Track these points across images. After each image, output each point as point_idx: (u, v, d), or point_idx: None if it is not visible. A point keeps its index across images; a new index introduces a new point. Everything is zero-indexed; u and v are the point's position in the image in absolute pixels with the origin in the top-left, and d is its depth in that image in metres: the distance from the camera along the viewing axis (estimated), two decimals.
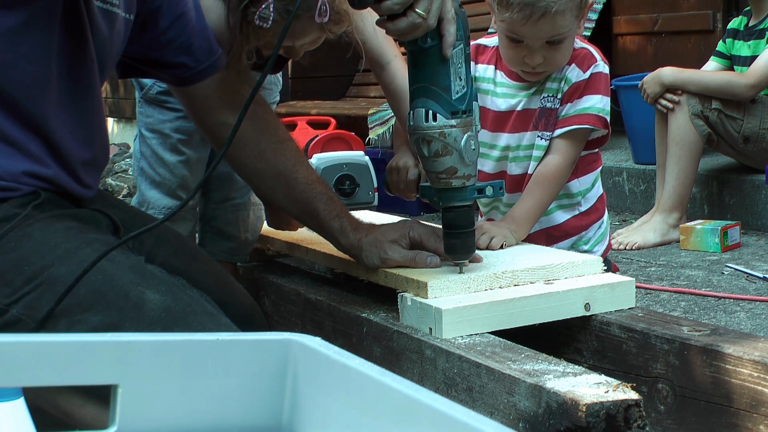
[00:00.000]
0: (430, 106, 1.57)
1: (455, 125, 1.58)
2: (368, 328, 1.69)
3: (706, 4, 5.31)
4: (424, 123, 1.58)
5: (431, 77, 1.57)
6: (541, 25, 1.96)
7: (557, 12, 1.95)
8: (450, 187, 1.63)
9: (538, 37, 1.99)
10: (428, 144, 1.59)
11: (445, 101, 1.57)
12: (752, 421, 1.42)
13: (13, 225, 1.43)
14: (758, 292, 3.00)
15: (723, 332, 1.55)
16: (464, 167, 1.61)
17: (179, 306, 1.42)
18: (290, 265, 2.24)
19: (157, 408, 0.95)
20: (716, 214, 4.08)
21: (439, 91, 1.57)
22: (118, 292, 1.40)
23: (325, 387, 0.94)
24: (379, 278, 1.76)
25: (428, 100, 1.58)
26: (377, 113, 5.03)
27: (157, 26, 1.70)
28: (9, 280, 1.39)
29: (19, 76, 1.46)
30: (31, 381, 0.92)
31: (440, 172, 1.62)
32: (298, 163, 1.79)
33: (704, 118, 3.83)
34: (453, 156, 1.59)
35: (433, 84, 1.57)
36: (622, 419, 1.21)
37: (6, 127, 1.47)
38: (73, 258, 1.41)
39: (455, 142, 1.58)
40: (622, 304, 1.70)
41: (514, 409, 1.33)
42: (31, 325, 1.38)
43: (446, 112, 1.57)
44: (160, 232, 1.78)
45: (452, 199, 1.64)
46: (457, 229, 1.65)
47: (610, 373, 1.57)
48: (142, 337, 0.97)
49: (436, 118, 1.57)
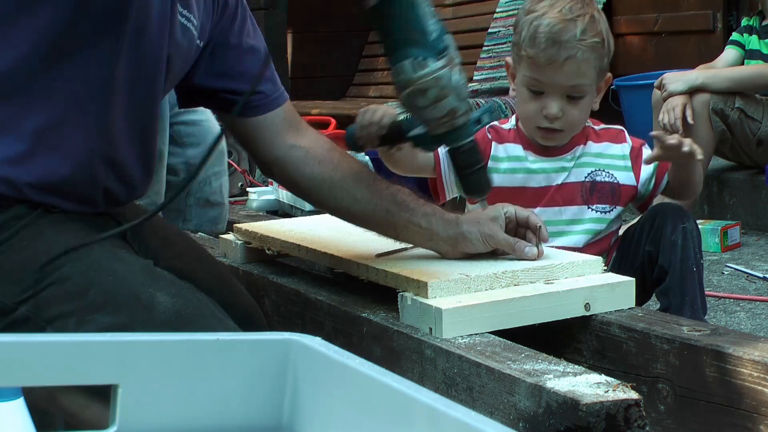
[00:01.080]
0: (415, 54, 1.51)
1: (443, 65, 1.53)
2: (368, 328, 1.69)
3: (706, 4, 5.32)
4: (415, 73, 1.52)
5: (406, 24, 1.51)
6: (565, 70, 2.00)
7: (582, 60, 1.99)
8: (453, 128, 1.59)
9: (560, 83, 2.02)
10: (424, 93, 1.53)
11: (427, 44, 1.52)
12: (752, 421, 1.42)
13: (24, 224, 1.43)
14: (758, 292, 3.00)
15: (723, 332, 1.55)
16: (462, 103, 1.57)
17: (189, 309, 1.42)
18: (290, 265, 2.23)
19: (157, 408, 0.95)
20: (716, 214, 4.08)
21: (418, 36, 1.51)
22: (128, 293, 1.40)
23: (325, 387, 0.94)
24: (379, 278, 1.75)
25: (411, 49, 1.52)
26: None
27: (233, 56, 1.74)
28: (19, 278, 1.39)
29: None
30: (31, 381, 0.92)
31: (442, 117, 1.57)
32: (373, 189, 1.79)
33: (723, 117, 3.81)
34: (451, 97, 1.54)
35: (409, 31, 1.52)
36: (622, 419, 1.21)
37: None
38: (84, 258, 1.41)
39: (449, 82, 1.53)
40: (622, 304, 1.70)
41: (514, 409, 1.33)
42: (40, 324, 1.37)
43: (432, 55, 1.52)
44: (167, 233, 1.78)
45: (458, 138, 1.60)
46: (471, 167, 1.62)
47: (610, 373, 1.57)
48: (142, 337, 0.97)
49: (425, 64, 1.52)
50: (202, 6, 1.66)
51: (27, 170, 1.44)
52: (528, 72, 2.05)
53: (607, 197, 2.14)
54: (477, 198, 1.68)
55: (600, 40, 2.03)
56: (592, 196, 2.14)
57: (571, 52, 1.99)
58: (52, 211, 1.47)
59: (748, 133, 3.86)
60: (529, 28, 2.01)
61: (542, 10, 2.02)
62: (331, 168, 1.80)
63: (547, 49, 1.99)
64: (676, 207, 2.13)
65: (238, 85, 1.76)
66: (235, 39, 1.74)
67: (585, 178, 2.14)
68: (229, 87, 1.76)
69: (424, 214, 1.76)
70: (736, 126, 3.84)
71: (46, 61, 1.44)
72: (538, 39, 1.99)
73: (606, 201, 2.14)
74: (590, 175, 2.15)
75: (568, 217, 2.13)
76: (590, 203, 2.14)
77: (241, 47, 1.75)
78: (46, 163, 1.45)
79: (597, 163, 2.16)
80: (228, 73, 1.75)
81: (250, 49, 1.76)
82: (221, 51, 1.73)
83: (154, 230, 1.75)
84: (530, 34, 2.01)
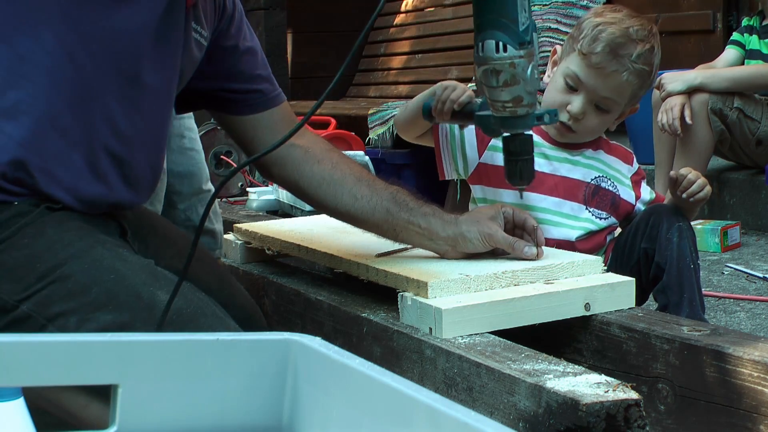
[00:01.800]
0: (500, 38, 1.63)
1: (523, 56, 1.64)
2: (368, 328, 1.69)
3: (706, 4, 5.32)
4: (495, 54, 1.63)
5: (500, 9, 1.63)
6: (608, 80, 2.06)
7: (626, 79, 2.06)
8: (515, 115, 1.69)
9: (596, 90, 2.07)
10: (497, 74, 1.65)
11: (513, 32, 1.63)
12: (752, 421, 1.42)
13: (27, 221, 1.43)
14: (758, 292, 3.00)
15: (723, 332, 1.55)
16: (529, 96, 1.68)
17: (190, 308, 1.42)
18: (290, 265, 2.23)
19: (157, 408, 0.95)
20: (716, 214, 4.08)
21: (508, 22, 1.63)
22: (130, 292, 1.40)
23: (325, 387, 0.94)
24: (379, 278, 1.76)
25: (497, 32, 1.63)
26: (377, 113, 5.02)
27: (231, 58, 1.76)
28: (21, 276, 1.39)
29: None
30: (31, 381, 0.92)
31: (507, 101, 1.67)
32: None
33: (722, 117, 3.81)
34: (520, 85, 1.65)
35: (501, 16, 1.63)
36: (622, 419, 1.21)
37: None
38: (86, 256, 1.41)
39: (522, 72, 1.64)
40: (622, 304, 1.70)
41: (514, 409, 1.33)
42: (41, 321, 1.37)
43: (515, 43, 1.63)
44: (167, 232, 1.78)
45: (516, 126, 1.71)
46: (520, 156, 1.73)
47: (610, 373, 1.57)
48: (142, 337, 0.97)
49: (507, 48, 1.63)
50: (209, 11, 1.68)
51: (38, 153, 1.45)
52: (573, 66, 2.10)
53: (606, 205, 2.18)
54: (517, 186, 1.77)
55: (649, 70, 2.10)
56: (593, 198, 2.16)
57: (620, 68, 2.05)
58: (54, 209, 1.47)
59: (747, 132, 3.86)
60: (594, 29, 2.08)
61: (612, 20, 2.10)
62: (331, 167, 1.80)
63: (602, 54, 2.05)
64: (671, 207, 2.15)
65: (236, 84, 1.76)
66: (233, 41, 1.76)
67: (591, 179, 2.17)
68: (227, 87, 1.77)
69: (424, 215, 1.76)
70: (735, 126, 3.84)
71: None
72: (597, 42, 2.06)
73: (604, 208, 2.18)
74: (597, 179, 2.18)
75: (565, 211, 2.15)
76: (589, 205, 2.16)
77: (238, 49, 1.76)
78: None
79: (606, 171, 2.20)
80: (226, 74, 1.77)
81: (247, 50, 1.77)
82: (219, 53, 1.74)
83: (155, 230, 1.75)
84: (593, 35, 2.07)
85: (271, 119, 1.80)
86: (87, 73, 1.47)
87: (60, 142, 1.47)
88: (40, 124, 1.45)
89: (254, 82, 1.79)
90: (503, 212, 1.79)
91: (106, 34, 1.48)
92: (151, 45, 1.52)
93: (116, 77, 1.51)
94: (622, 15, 2.12)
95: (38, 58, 1.44)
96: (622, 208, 2.20)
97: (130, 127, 1.54)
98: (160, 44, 1.54)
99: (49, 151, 1.46)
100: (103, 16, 1.47)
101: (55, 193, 1.47)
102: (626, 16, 2.11)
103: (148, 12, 1.51)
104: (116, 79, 1.51)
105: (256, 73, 1.79)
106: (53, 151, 1.46)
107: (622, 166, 2.23)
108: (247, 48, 1.78)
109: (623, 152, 2.27)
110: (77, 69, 1.46)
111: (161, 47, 1.55)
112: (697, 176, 2.11)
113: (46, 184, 1.46)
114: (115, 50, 1.49)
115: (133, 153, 1.56)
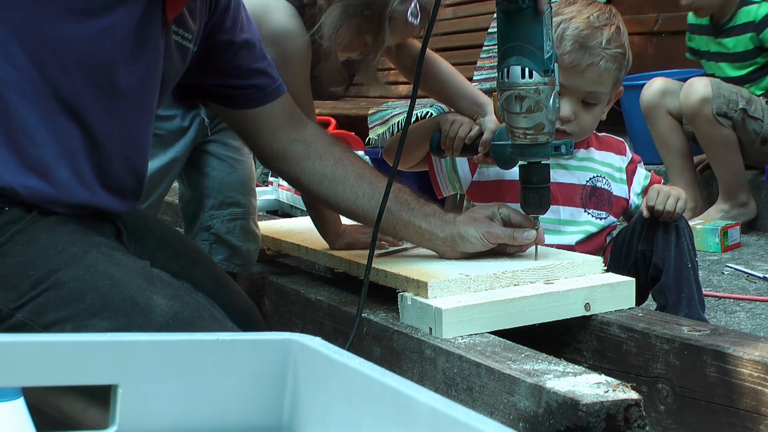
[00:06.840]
0: (526, 64, 1.66)
1: (547, 83, 1.67)
2: (368, 328, 1.69)
3: None
4: (521, 80, 1.66)
5: (527, 36, 1.66)
6: (586, 75, 2.05)
7: (603, 68, 2.04)
8: (535, 143, 1.71)
9: (578, 88, 2.06)
10: (521, 100, 1.67)
11: (539, 60, 1.66)
12: (752, 421, 1.42)
13: (19, 228, 1.41)
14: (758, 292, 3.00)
15: (723, 332, 1.55)
16: (549, 124, 1.71)
17: (187, 311, 1.41)
18: (290, 265, 2.23)
19: (157, 408, 0.95)
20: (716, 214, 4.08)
21: (534, 49, 1.66)
22: (125, 297, 1.39)
23: (325, 387, 0.94)
24: (379, 278, 1.75)
25: (523, 58, 1.66)
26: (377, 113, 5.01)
27: (227, 53, 1.74)
28: (15, 284, 1.38)
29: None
30: (31, 381, 0.92)
31: (529, 128, 1.70)
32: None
33: (728, 119, 3.85)
34: (542, 113, 1.68)
35: (528, 43, 1.66)
36: (622, 419, 1.21)
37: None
38: (80, 262, 1.40)
39: (546, 99, 1.67)
40: (622, 304, 1.70)
41: (514, 409, 1.33)
42: (37, 330, 1.36)
43: (540, 70, 1.66)
44: (163, 234, 1.77)
45: (536, 155, 1.74)
46: (537, 184, 1.75)
47: (610, 373, 1.57)
48: (142, 337, 0.97)
49: (532, 75, 1.66)
50: (197, 10, 1.65)
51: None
52: None
53: (604, 204, 2.18)
54: (533, 214, 1.78)
55: (622, 52, 2.09)
56: (590, 200, 2.16)
57: (595, 59, 2.03)
58: (47, 215, 1.45)
59: (752, 132, 3.89)
60: (556, 30, 2.05)
61: (570, 15, 2.07)
62: (333, 163, 1.80)
63: (572, 53, 2.03)
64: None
65: (234, 81, 1.75)
66: (229, 34, 1.73)
67: (587, 182, 2.16)
68: (224, 83, 1.76)
69: (425, 215, 1.76)
70: (740, 126, 3.87)
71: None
72: (564, 42, 2.03)
73: (602, 208, 2.18)
74: (592, 180, 2.18)
75: (565, 217, 2.14)
76: (588, 207, 2.16)
77: (234, 42, 1.74)
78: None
79: (599, 170, 2.19)
80: (224, 70, 1.75)
81: (244, 43, 1.75)
82: (215, 47, 1.73)
83: (151, 231, 1.74)
84: (557, 36, 2.04)
85: (271, 113, 1.79)
86: (61, 87, 1.44)
87: (37, 151, 1.45)
88: (13, 139, 1.43)
89: (252, 77, 1.77)
90: (500, 213, 1.80)
91: (78, 49, 1.44)
92: (126, 55, 1.48)
93: (92, 90, 1.47)
94: (578, 6, 2.09)
95: (9, 76, 1.42)
96: (617, 206, 2.20)
97: (109, 139, 1.51)
98: (136, 54, 1.50)
99: (30, 164, 1.44)
100: (75, 31, 1.43)
101: (43, 204, 1.45)
102: (582, 6, 2.09)
103: (121, 24, 1.47)
104: (92, 91, 1.47)
105: (254, 68, 1.77)
106: (34, 164, 1.44)
107: (615, 159, 2.22)
108: (243, 41, 1.75)
109: (614, 143, 2.25)
110: (49, 84, 1.44)
111: (137, 56, 1.51)
112: (666, 197, 2.05)
113: (31, 196, 1.44)
114: (89, 64, 1.45)
115: (112, 162, 1.53)
